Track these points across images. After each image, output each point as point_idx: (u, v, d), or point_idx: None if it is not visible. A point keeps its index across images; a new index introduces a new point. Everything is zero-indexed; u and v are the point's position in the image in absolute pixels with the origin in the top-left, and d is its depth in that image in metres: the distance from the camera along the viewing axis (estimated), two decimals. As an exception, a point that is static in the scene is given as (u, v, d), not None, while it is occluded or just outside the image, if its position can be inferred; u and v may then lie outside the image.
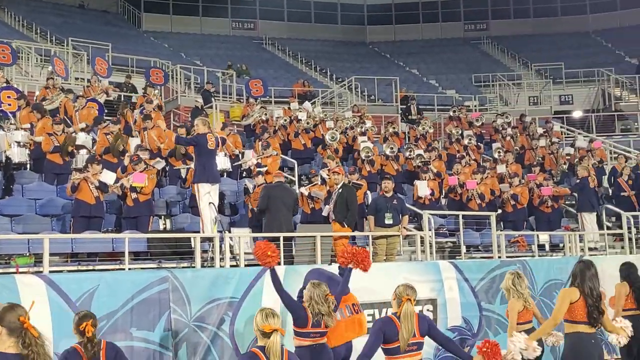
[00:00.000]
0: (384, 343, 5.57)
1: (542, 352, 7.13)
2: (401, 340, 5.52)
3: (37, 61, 21.89)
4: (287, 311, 6.79)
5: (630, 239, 13.49)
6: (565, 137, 21.93)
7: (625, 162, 17.13)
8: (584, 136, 22.09)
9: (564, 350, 6.47)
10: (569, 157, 18.11)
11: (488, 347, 5.47)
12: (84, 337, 5.44)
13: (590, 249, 13.18)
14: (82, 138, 12.96)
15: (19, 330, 3.99)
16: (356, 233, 11.03)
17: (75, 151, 12.33)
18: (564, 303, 6.28)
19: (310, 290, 6.58)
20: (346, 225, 10.80)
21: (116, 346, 5.76)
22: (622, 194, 15.64)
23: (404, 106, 23.62)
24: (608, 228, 14.52)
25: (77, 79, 21.28)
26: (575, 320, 6.26)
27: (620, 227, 13.91)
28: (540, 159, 18.04)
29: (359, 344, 6.64)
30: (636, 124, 25.41)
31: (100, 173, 10.56)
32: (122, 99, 18.91)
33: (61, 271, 8.56)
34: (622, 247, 13.75)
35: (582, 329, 6.26)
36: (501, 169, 15.49)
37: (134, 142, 13.18)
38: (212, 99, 20.62)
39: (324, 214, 11.21)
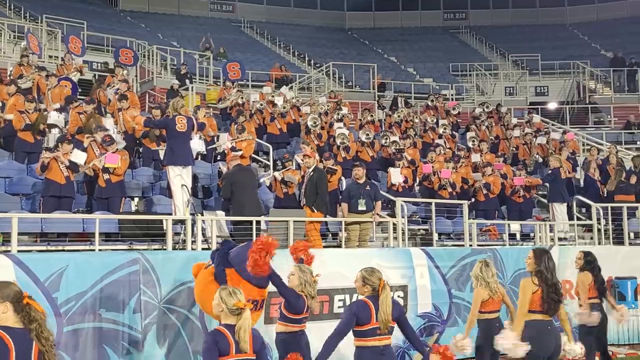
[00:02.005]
0: (356, 325, 5.60)
1: None
2: (381, 324, 5.57)
3: (10, 37, 21.54)
4: None
5: (599, 230, 13.69)
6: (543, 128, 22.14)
7: (598, 154, 17.34)
8: (558, 127, 22.34)
9: (522, 337, 6.51)
10: (542, 148, 18.27)
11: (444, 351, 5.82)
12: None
13: (560, 239, 13.36)
14: (54, 117, 12.78)
15: (22, 306, 4.08)
16: (329, 219, 11.04)
17: (47, 130, 12.16)
18: (526, 294, 6.32)
19: (299, 274, 6.62)
20: (315, 210, 10.80)
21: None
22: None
23: (382, 93, 23.69)
24: (578, 219, 14.71)
25: (51, 56, 20.98)
26: (532, 309, 6.30)
27: (590, 218, 14.10)
28: (514, 149, 18.21)
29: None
30: (609, 116, 25.73)
31: (71, 153, 10.42)
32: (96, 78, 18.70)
33: (30, 251, 8.47)
34: (591, 238, 13.95)
35: (538, 317, 6.30)
36: (475, 158, 15.60)
37: (107, 122, 13.03)
38: (187, 81, 20.47)
39: None
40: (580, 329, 8.45)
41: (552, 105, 26.89)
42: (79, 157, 10.49)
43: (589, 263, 8.42)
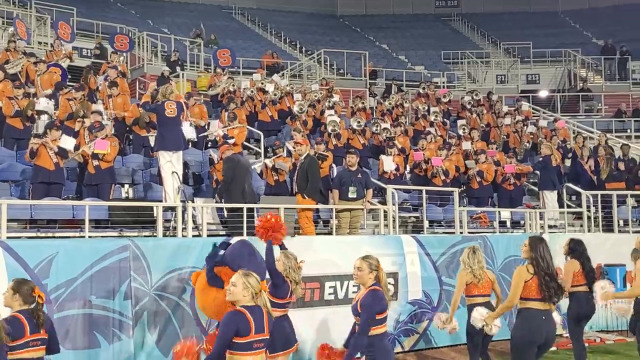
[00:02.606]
0: (377, 314, 5.76)
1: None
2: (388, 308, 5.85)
3: (-1, 23, 21.35)
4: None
5: (589, 218, 13.76)
6: (532, 116, 22.16)
7: (583, 142, 17.40)
8: (549, 115, 22.38)
9: (514, 326, 6.56)
10: (532, 136, 18.32)
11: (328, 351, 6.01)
12: (33, 304, 5.28)
13: (550, 227, 13.42)
14: (43, 103, 12.70)
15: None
16: (319, 206, 11.02)
17: (36, 116, 12.09)
18: (520, 283, 6.29)
19: (284, 260, 6.70)
20: (306, 197, 10.80)
21: (47, 315, 5.57)
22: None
23: (373, 80, 23.63)
24: (568, 206, 14.77)
25: (40, 43, 20.82)
26: (527, 297, 6.28)
27: (580, 206, 14.16)
28: (505, 136, 18.24)
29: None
30: (600, 104, 25.79)
31: (60, 139, 10.36)
32: (88, 65, 18.56)
33: (19, 237, 8.44)
34: (581, 226, 14.02)
35: (534, 305, 6.28)
36: (466, 146, 15.61)
37: (97, 108, 12.95)
38: (178, 68, 20.37)
39: None
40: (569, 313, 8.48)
41: (543, 93, 26.93)
42: (68, 143, 10.43)
43: (572, 250, 8.41)
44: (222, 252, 6.60)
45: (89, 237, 8.54)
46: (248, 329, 4.84)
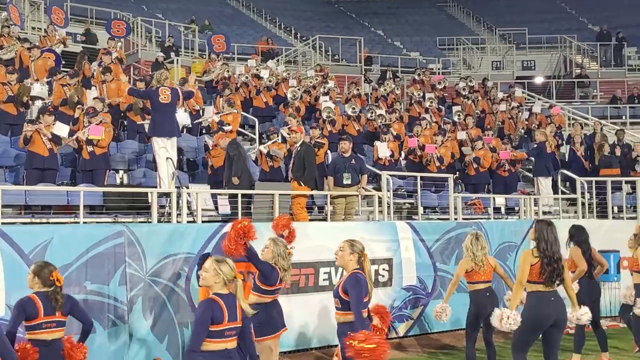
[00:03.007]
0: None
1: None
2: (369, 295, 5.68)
3: (-9, 8, 21.17)
4: None
5: (583, 204, 13.79)
6: (527, 102, 22.16)
7: (582, 128, 17.41)
8: (544, 102, 22.37)
9: (523, 309, 6.60)
10: (527, 122, 18.33)
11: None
12: (52, 287, 5.34)
13: (544, 213, 13.45)
14: (37, 89, 12.65)
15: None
16: (314, 192, 11.03)
17: (30, 102, 12.04)
18: (525, 266, 6.36)
19: (273, 247, 6.64)
20: (303, 184, 10.81)
21: (72, 297, 5.67)
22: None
23: (368, 67, 23.59)
24: (563, 193, 14.80)
25: (34, 28, 20.69)
26: (533, 280, 6.37)
27: (575, 192, 14.19)
28: (500, 123, 18.24)
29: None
30: (595, 91, 25.80)
31: (53, 125, 10.33)
32: (81, 50, 18.47)
33: (14, 223, 8.43)
34: (576, 212, 14.06)
35: (539, 287, 6.36)
36: (461, 135, 15.60)
37: (91, 94, 12.91)
38: (172, 54, 20.28)
39: None
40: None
41: (538, 80, 26.92)
42: (62, 130, 10.41)
43: (571, 236, 8.52)
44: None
45: (84, 222, 8.55)
46: (221, 317, 4.84)
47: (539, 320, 6.37)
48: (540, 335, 6.50)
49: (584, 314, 6.81)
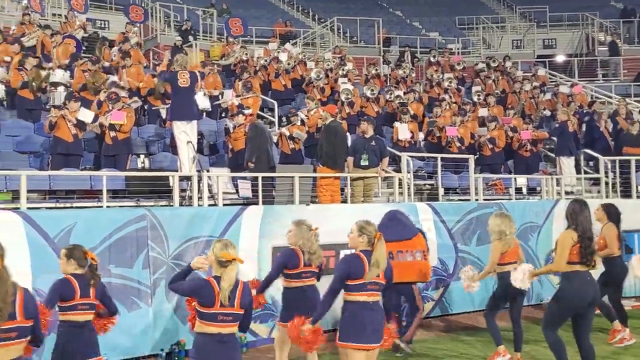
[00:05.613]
0: (348, 279, 5.45)
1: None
2: (371, 276, 5.41)
3: (12, -4, 21.34)
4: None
5: (606, 183, 13.65)
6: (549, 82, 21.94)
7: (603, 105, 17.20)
8: (566, 80, 22.11)
9: (560, 286, 6.69)
10: (549, 102, 18.14)
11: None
12: (86, 268, 5.36)
13: (567, 193, 13.34)
14: (59, 75, 12.76)
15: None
16: (333, 174, 10.93)
17: (53, 88, 12.15)
18: (565, 247, 6.42)
19: (296, 231, 6.58)
20: (321, 166, 10.82)
21: (102, 282, 5.63)
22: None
23: (387, 48, 23.44)
24: (585, 172, 14.67)
25: (54, 14, 20.81)
26: (572, 261, 6.43)
27: (598, 172, 14.05)
28: (523, 103, 18.06)
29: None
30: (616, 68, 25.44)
31: (79, 110, 10.44)
32: (99, 36, 18.59)
33: (39, 208, 8.53)
34: (599, 192, 13.93)
35: (578, 268, 6.45)
36: (483, 112, 15.49)
37: (111, 79, 12.99)
38: (190, 38, 20.31)
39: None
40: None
41: (560, 58, 26.58)
42: (86, 116, 10.51)
43: (609, 214, 8.51)
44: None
45: (107, 207, 8.63)
46: (212, 300, 4.74)
47: (578, 300, 6.45)
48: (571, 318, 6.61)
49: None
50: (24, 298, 4.14)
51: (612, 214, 8.55)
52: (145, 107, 13.43)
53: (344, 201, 10.90)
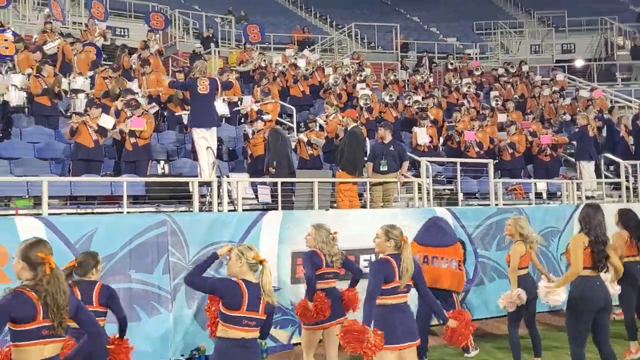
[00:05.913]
0: (383, 284, 5.46)
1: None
2: (402, 281, 5.44)
3: (33, 4, 21.60)
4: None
5: (627, 188, 13.53)
6: (568, 86, 21.81)
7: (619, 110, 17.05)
8: (585, 85, 21.96)
9: (571, 292, 6.58)
10: (569, 107, 18.02)
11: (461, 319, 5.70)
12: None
13: (587, 198, 13.23)
14: (80, 82, 12.89)
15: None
16: (352, 180, 10.94)
17: (74, 95, 12.27)
18: (578, 251, 6.36)
19: (315, 235, 6.62)
20: (340, 170, 10.83)
21: (110, 288, 5.63)
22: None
23: (404, 53, 23.42)
24: (606, 177, 14.54)
25: (74, 23, 21.05)
26: (582, 265, 6.37)
27: (619, 176, 13.93)
28: (542, 107, 17.96)
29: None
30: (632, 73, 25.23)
31: (100, 117, 10.54)
32: (115, 43, 18.74)
33: (60, 214, 8.61)
34: (620, 196, 13.80)
35: (587, 272, 6.39)
36: (502, 117, 15.41)
37: (132, 87, 13.10)
38: (212, 45, 20.44)
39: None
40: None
41: (579, 63, 26.42)
42: (107, 122, 10.61)
43: (621, 219, 8.36)
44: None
45: (127, 212, 8.68)
46: (239, 303, 4.66)
47: (588, 303, 6.35)
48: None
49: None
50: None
51: (624, 219, 8.38)
52: (165, 114, 13.52)
53: (363, 206, 10.89)
